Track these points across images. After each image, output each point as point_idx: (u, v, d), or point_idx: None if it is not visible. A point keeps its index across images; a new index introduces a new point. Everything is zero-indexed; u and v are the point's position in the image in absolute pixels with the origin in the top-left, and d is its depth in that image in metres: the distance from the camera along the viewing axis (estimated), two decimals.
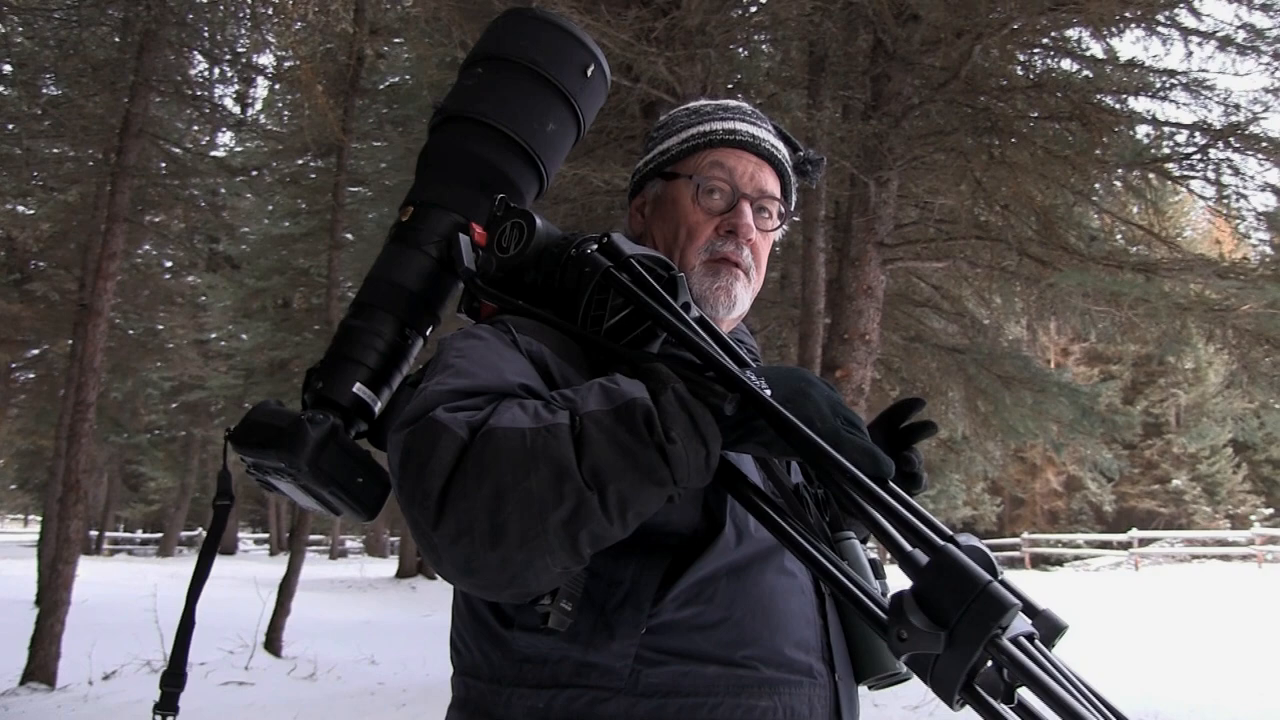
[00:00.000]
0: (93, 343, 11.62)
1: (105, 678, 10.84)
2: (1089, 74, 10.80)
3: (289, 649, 13.16)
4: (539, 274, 1.59)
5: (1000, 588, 1.07)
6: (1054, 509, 43.69)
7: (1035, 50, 11.11)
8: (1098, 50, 10.78)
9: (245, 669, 11.58)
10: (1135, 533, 34.52)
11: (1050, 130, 10.52)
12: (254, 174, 22.03)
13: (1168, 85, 10.39)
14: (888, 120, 9.95)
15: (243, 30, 14.55)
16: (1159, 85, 10.44)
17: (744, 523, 1.53)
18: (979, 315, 14.82)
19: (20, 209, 19.48)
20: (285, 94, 20.91)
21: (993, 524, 42.83)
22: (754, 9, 11.33)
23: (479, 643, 1.53)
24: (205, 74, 16.79)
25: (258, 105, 25.24)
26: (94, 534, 39.55)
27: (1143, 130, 10.64)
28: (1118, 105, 10.59)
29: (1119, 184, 11.24)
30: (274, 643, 13.17)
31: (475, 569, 1.26)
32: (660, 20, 8.87)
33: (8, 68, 14.00)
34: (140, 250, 22.68)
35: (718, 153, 1.80)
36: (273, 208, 25.32)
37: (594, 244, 1.54)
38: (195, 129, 21.12)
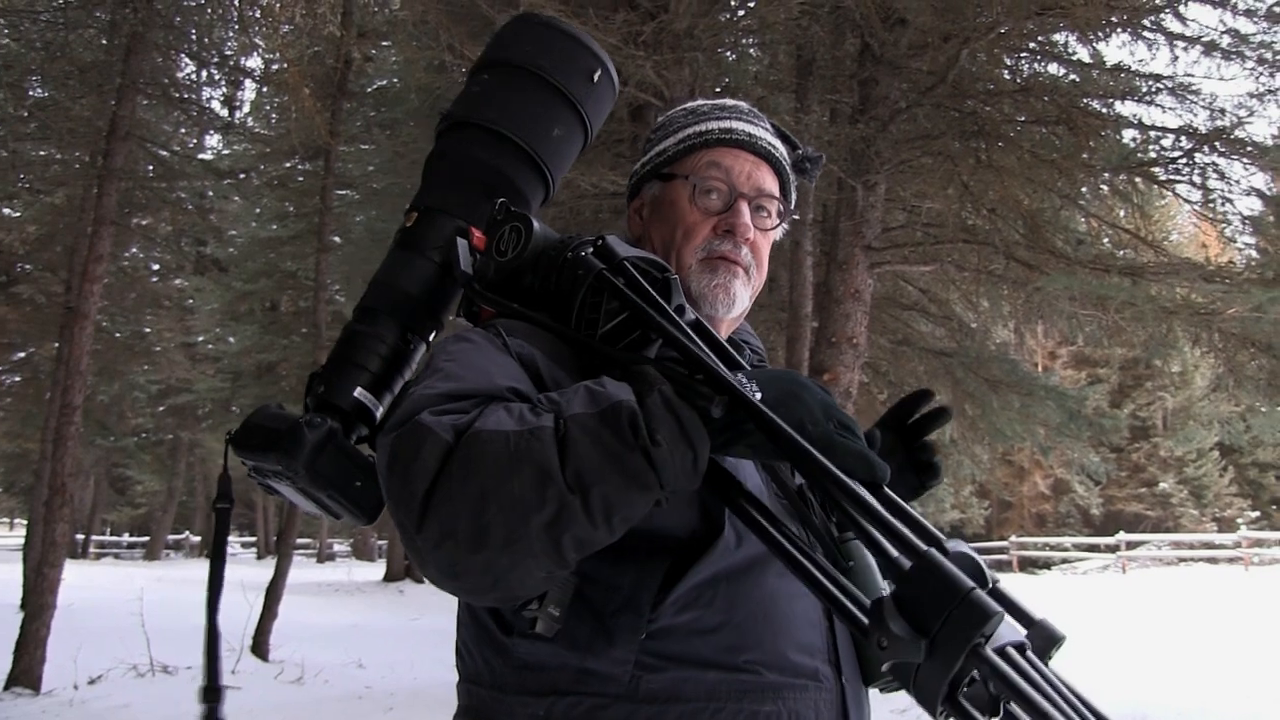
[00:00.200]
0: (79, 345, 11.59)
1: (91, 682, 10.82)
2: (1076, 78, 10.83)
3: (276, 653, 13.13)
4: (536, 277, 1.58)
5: (983, 596, 1.04)
6: (1041, 512, 43.71)
7: (1022, 54, 11.12)
8: (1084, 54, 10.81)
9: (232, 673, 11.53)
10: (1122, 536, 34.57)
11: (1037, 134, 10.55)
12: (241, 177, 22.02)
13: (1154, 90, 10.42)
14: (875, 124, 9.97)
15: (230, 33, 14.56)
16: (1145, 89, 10.46)
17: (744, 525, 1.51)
18: (966, 319, 14.83)
19: (6, 211, 19.48)
20: (273, 97, 20.93)
21: (980, 527, 42.87)
22: (742, 13, 11.34)
23: (481, 649, 1.52)
24: (193, 77, 16.82)
25: (245, 108, 25.32)
26: (80, 537, 39.37)
27: (1129, 134, 10.67)
28: (1104, 109, 10.61)
29: (1105, 188, 11.26)
30: (261, 646, 13.15)
31: (458, 572, 1.26)
32: (648, 24, 8.88)
33: None
34: (127, 253, 22.62)
35: (714, 152, 1.79)
36: (260, 210, 25.30)
37: (589, 247, 1.53)
38: (182, 132, 21.13)
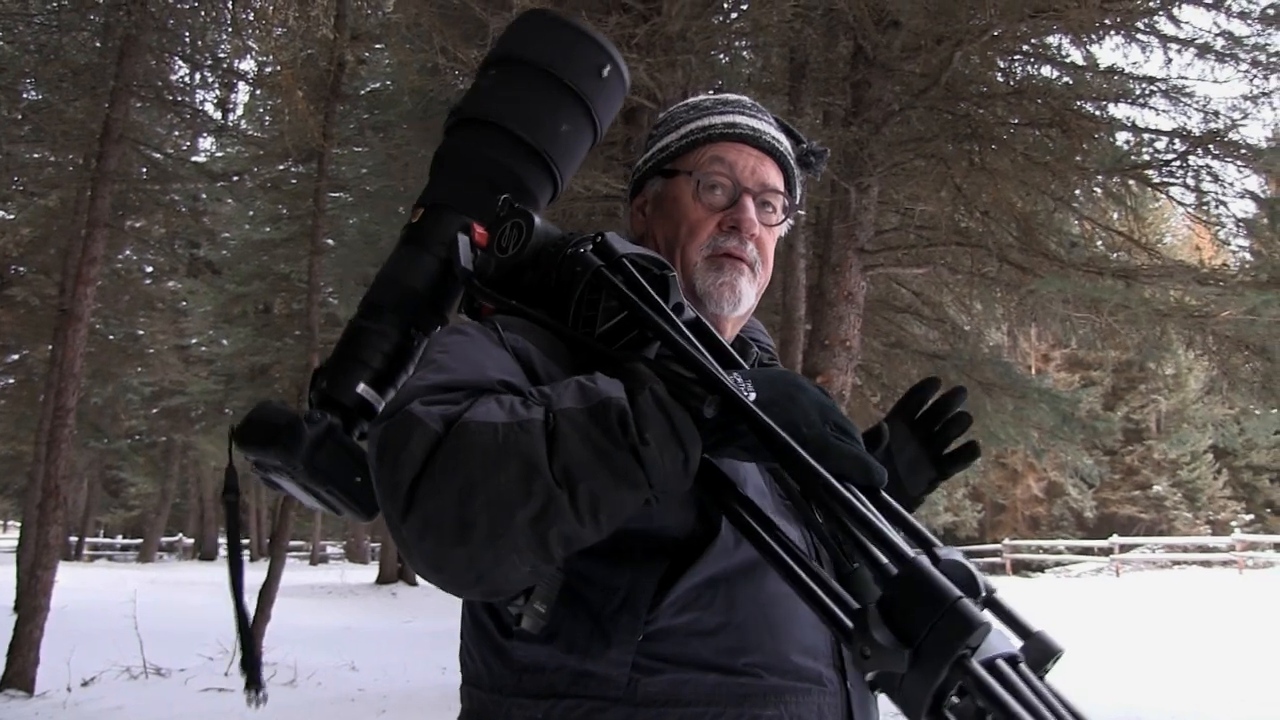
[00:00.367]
0: (73, 348, 11.58)
1: (84, 684, 10.80)
2: (1069, 81, 10.85)
3: (269, 655, 13.08)
4: (536, 274, 1.56)
5: (969, 606, 1.01)
6: (1035, 515, 43.72)
7: (1015, 57, 11.14)
8: (1078, 57, 10.84)
9: (225, 675, 11.55)
10: (1116, 539, 34.58)
11: (1030, 137, 10.57)
12: (235, 179, 21.99)
13: (1147, 92, 10.45)
14: (868, 126, 9.98)
15: (224, 36, 14.56)
16: (1139, 92, 10.49)
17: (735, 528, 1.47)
18: (960, 321, 14.84)
19: (0, 214, 19.41)
20: (266, 99, 20.96)
21: (974, 530, 42.89)
22: (735, 15, 11.35)
23: (481, 652, 1.51)
24: (186, 79, 16.79)
25: (239, 110, 25.36)
26: (74, 540, 39.34)
27: (1122, 137, 10.70)
28: (1098, 112, 10.64)
29: (1099, 190, 11.28)
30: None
31: (442, 565, 1.25)
32: (641, 26, 8.88)
33: None
34: (121, 255, 22.61)
35: (718, 147, 1.78)
36: (254, 213, 25.25)
37: (589, 244, 1.52)
38: (176, 134, 21.11)
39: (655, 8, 9.08)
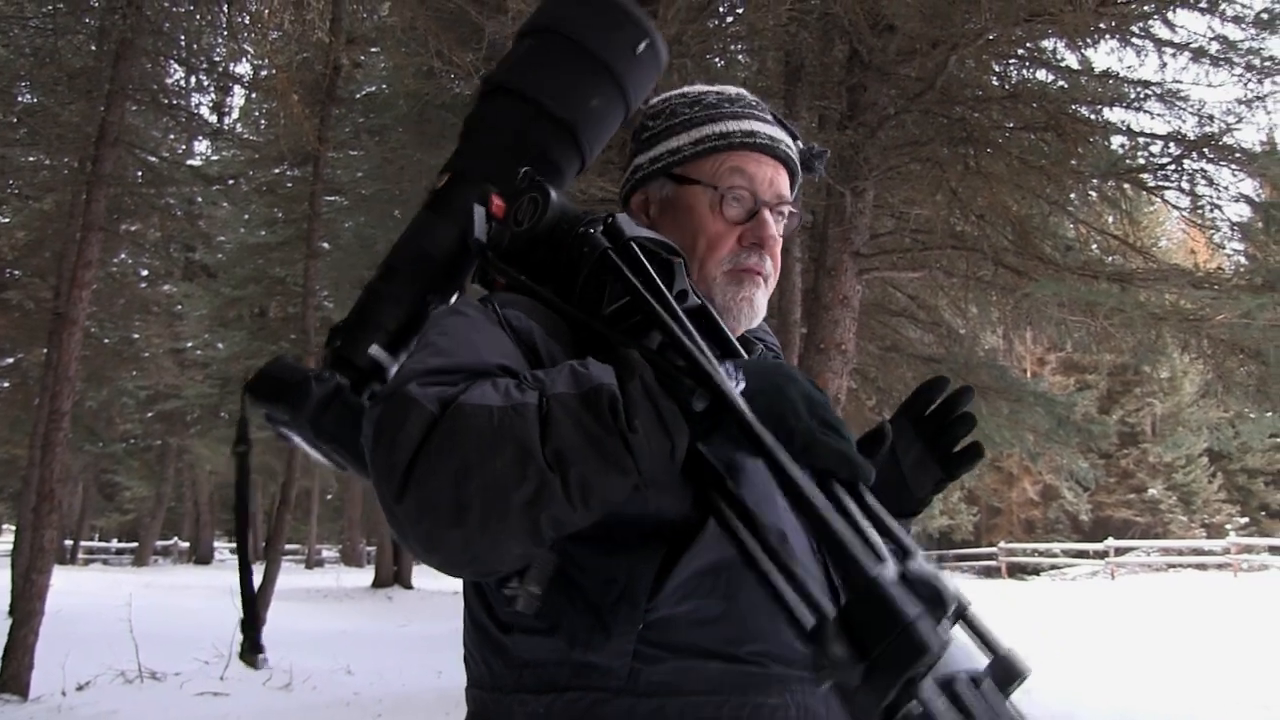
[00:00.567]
0: (68, 351, 11.56)
1: (79, 688, 10.77)
2: (1064, 84, 10.86)
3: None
4: (549, 250, 1.56)
5: (925, 627, 1.01)
6: (1030, 518, 43.73)
7: (1011, 61, 11.16)
8: (1073, 61, 10.84)
9: (220, 679, 11.52)
10: (1111, 542, 34.57)
11: (1026, 140, 10.58)
12: (230, 183, 22.00)
13: (1142, 96, 10.45)
14: (864, 130, 9.99)
15: (219, 39, 14.58)
16: (1134, 96, 10.50)
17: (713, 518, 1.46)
18: (955, 325, 14.85)
19: None
20: (262, 103, 20.93)
21: (969, 533, 42.90)
22: (730, 19, 11.36)
23: (482, 652, 1.51)
24: (182, 83, 16.81)
25: (234, 114, 25.25)
26: (69, 543, 39.31)
27: (1118, 141, 10.70)
28: (1093, 116, 10.64)
29: (1094, 194, 11.29)
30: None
31: (437, 546, 1.26)
32: None
33: None
34: (116, 259, 22.57)
35: (736, 157, 1.75)
36: (249, 216, 25.25)
37: (600, 224, 1.52)
38: (171, 138, 21.08)
39: (651, 11, 9.09)
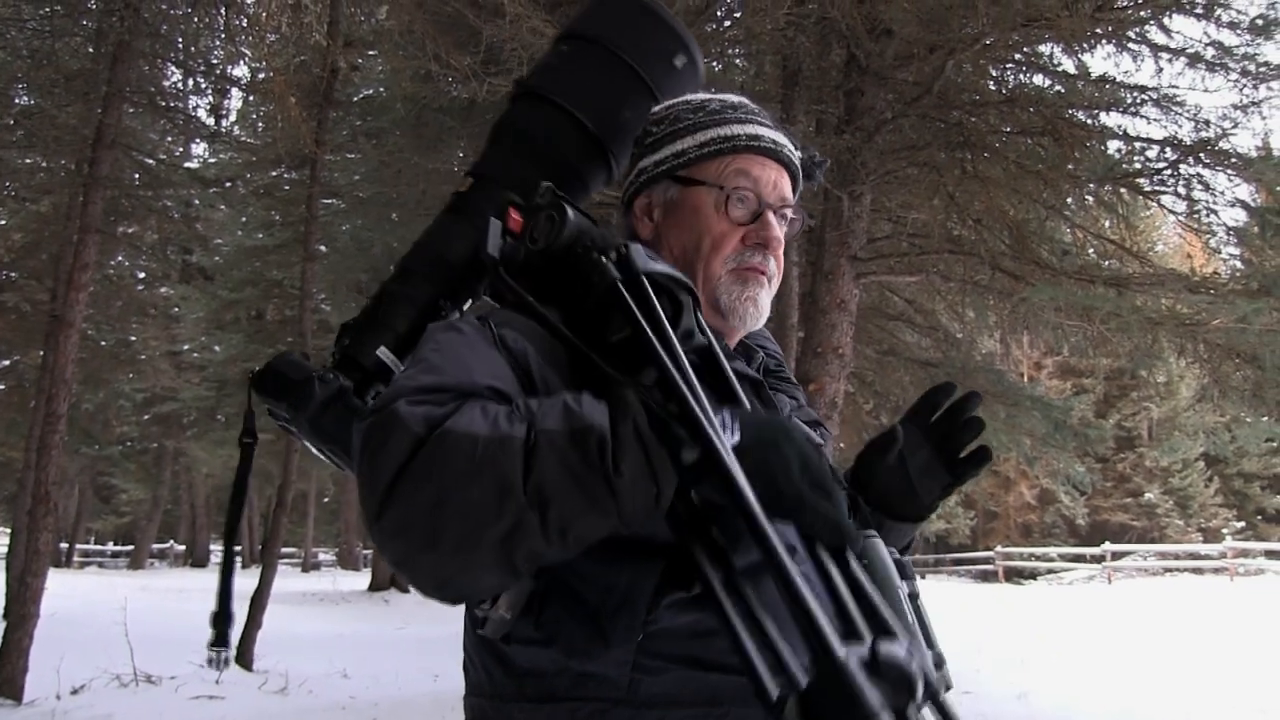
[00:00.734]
0: (64, 354, 11.54)
1: (74, 692, 10.75)
2: (1061, 89, 10.87)
3: (260, 662, 13.08)
4: (562, 270, 1.53)
5: None
6: (1027, 522, 43.75)
7: (1008, 65, 11.18)
8: (1069, 66, 10.87)
9: (216, 683, 11.49)
10: (1108, 546, 34.59)
11: (1022, 145, 10.58)
12: (227, 185, 22.03)
13: (1139, 101, 10.47)
14: (861, 135, 9.99)
15: (217, 42, 14.56)
16: (1130, 101, 10.52)
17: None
18: (952, 329, 14.86)
19: None
20: (259, 106, 20.96)
21: (966, 537, 42.90)
22: (728, 23, 11.37)
23: (482, 659, 1.50)
24: (179, 85, 16.82)
25: (231, 117, 25.31)
26: (64, 546, 39.25)
27: (1114, 145, 10.71)
28: (1089, 120, 10.66)
29: (1091, 199, 11.31)
30: (245, 656, 13.09)
31: (410, 568, 1.26)
32: None
33: None
34: (113, 261, 22.57)
35: (741, 159, 1.76)
36: (246, 219, 25.28)
37: (614, 252, 1.49)
38: (169, 140, 21.09)
39: None
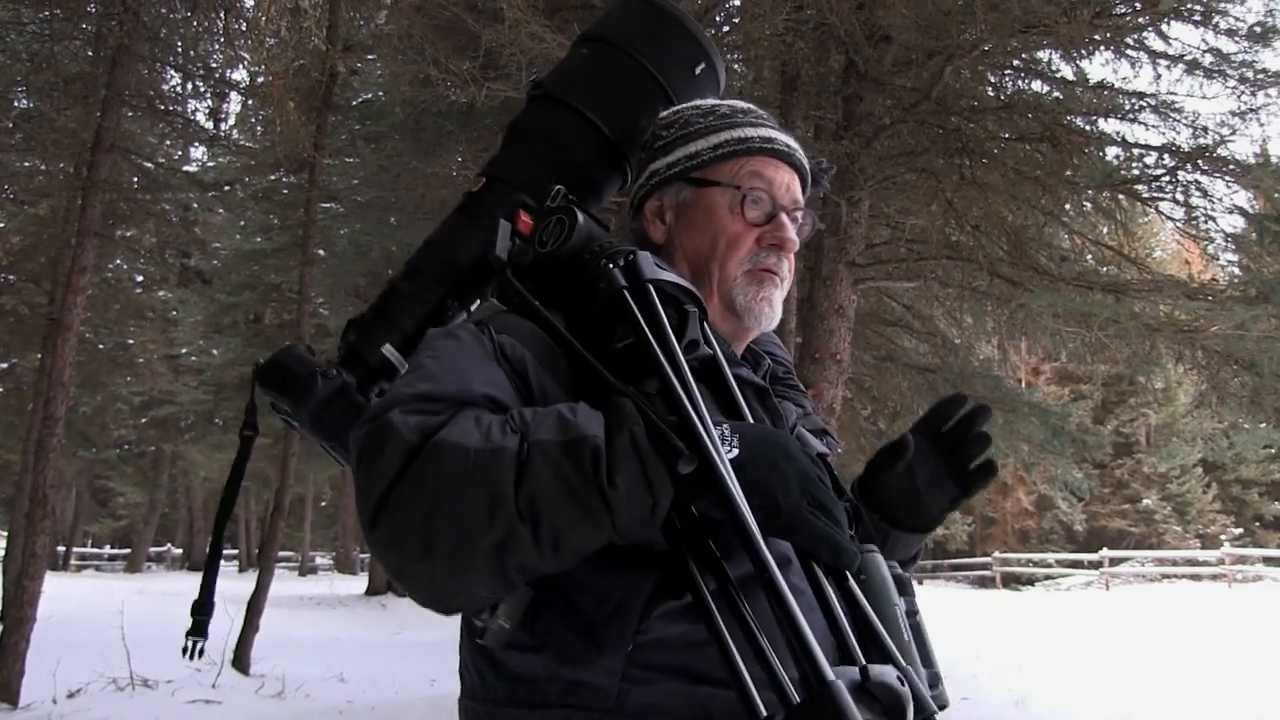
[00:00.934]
0: (62, 357, 11.53)
1: (70, 696, 10.72)
2: (1059, 96, 10.89)
3: (257, 666, 13.06)
4: (570, 275, 1.53)
5: None
6: (1025, 528, 43.73)
7: (1006, 72, 11.19)
8: (1068, 72, 10.87)
9: (213, 687, 11.48)
10: (1106, 552, 34.61)
11: (1021, 151, 10.59)
12: (226, 189, 22.02)
13: (1137, 107, 10.49)
14: (859, 140, 9.99)
15: (216, 46, 14.56)
16: (1128, 107, 10.53)
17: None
18: (950, 335, 14.86)
19: None
20: (258, 110, 20.90)
21: (964, 543, 42.93)
22: (726, 28, 11.36)
23: (476, 662, 1.50)
24: (178, 89, 16.80)
25: (230, 120, 25.28)
26: (61, 549, 39.18)
27: (1112, 152, 10.73)
28: (1088, 127, 10.67)
29: (1089, 205, 11.31)
30: (242, 660, 13.07)
31: (404, 577, 1.27)
32: None
33: None
34: (111, 264, 22.54)
35: (755, 161, 1.77)
36: (245, 223, 25.28)
37: (621, 259, 1.49)
38: (167, 144, 21.11)
39: None
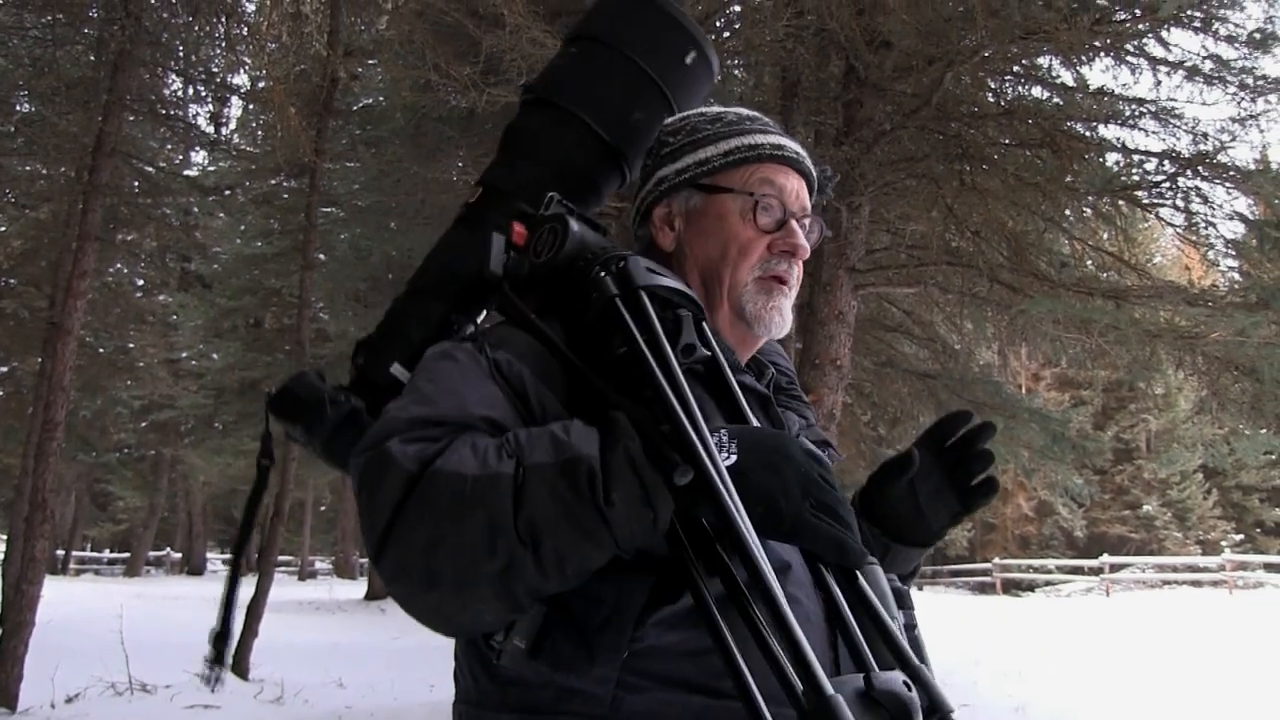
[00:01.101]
0: (62, 361, 11.53)
1: (68, 700, 10.70)
2: (1059, 101, 10.88)
3: (256, 671, 13.04)
4: (565, 284, 1.53)
5: None
6: (1025, 534, 43.69)
7: (1006, 77, 11.19)
8: (1068, 78, 10.88)
9: (212, 691, 11.45)
10: (1106, 558, 34.51)
11: (1021, 157, 10.59)
12: (227, 193, 21.98)
13: (1137, 113, 10.49)
14: (859, 146, 10.00)
15: (217, 50, 14.58)
16: (1128, 113, 10.53)
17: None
18: (950, 341, 14.85)
19: None
20: (259, 114, 20.94)
21: (964, 549, 42.91)
22: (727, 34, 11.38)
23: (471, 665, 1.50)
24: (179, 93, 16.85)
25: (231, 125, 25.36)
26: (60, 553, 39.17)
27: (1112, 158, 10.71)
28: (1088, 133, 10.66)
29: (1089, 211, 11.30)
30: (241, 665, 13.05)
31: (412, 606, 1.29)
32: None
33: None
34: (111, 269, 22.52)
35: (766, 168, 1.77)
36: (245, 227, 25.28)
37: (614, 265, 1.49)
38: (168, 148, 21.16)
39: None
